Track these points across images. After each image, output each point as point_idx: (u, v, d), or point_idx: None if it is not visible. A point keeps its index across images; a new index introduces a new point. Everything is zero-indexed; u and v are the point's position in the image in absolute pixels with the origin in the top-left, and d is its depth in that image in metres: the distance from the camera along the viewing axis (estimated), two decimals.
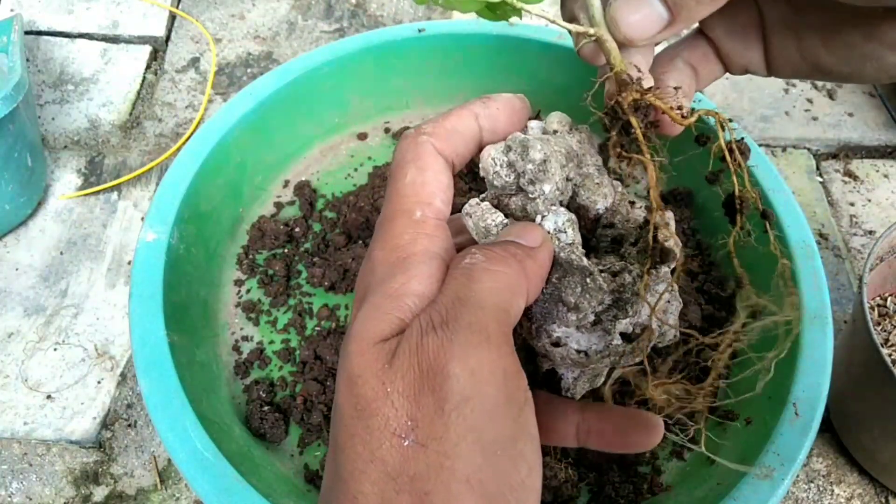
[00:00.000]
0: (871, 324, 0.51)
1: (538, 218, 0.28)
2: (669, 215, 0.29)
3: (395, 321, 0.24)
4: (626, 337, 0.28)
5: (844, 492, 0.59)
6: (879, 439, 0.55)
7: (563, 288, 0.27)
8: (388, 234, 0.26)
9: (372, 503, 0.21)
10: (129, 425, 0.60)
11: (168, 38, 0.89)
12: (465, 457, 0.21)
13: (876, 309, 0.63)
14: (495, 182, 0.29)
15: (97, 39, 0.87)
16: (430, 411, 0.21)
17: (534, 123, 0.30)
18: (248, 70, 0.86)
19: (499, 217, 0.28)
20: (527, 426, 0.23)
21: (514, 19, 0.30)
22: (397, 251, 0.26)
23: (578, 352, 0.28)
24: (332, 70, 0.65)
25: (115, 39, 0.87)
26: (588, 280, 0.27)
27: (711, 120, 0.28)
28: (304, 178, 0.68)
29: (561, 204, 0.29)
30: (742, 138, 0.29)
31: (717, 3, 0.26)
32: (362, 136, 0.71)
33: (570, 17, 0.30)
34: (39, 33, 0.87)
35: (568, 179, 0.29)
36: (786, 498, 0.58)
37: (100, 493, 0.58)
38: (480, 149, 0.30)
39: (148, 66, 0.86)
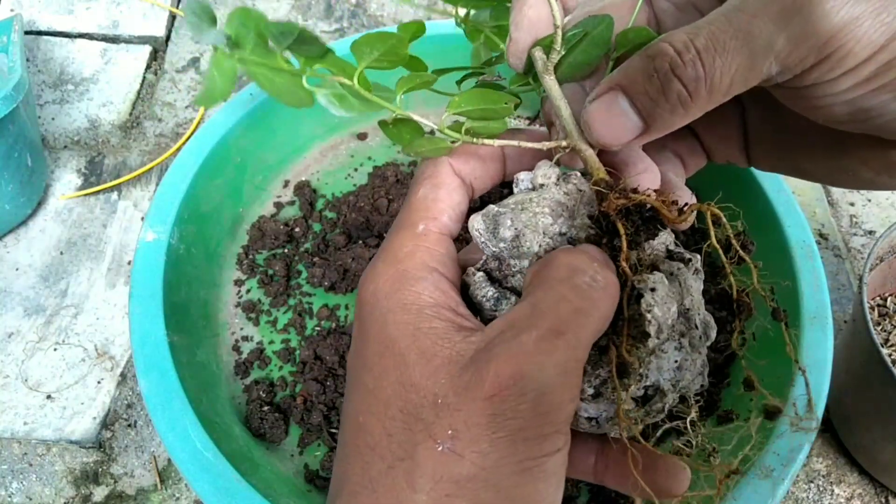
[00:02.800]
0: (871, 324, 0.51)
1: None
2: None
3: (440, 330, 0.25)
4: (639, 400, 0.27)
5: (844, 492, 0.59)
6: (879, 439, 0.55)
7: None
8: (390, 245, 0.27)
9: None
10: (129, 425, 0.60)
11: (168, 38, 0.89)
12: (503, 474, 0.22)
13: (876, 309, 0.63)
14: (485, 251, 0.28)
15: (97, 39, 0.87)
16: (479, 430, 0.22)
17: (523, 175, 0.30)
18: None
19: (490, 292, 0.27)
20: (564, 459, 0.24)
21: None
22: (396, 264, 0.26)
23: (589, 419, 0.27)
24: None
25: (115, 39, 0.87)
26: None
27: None
28: (304, 178, 0.68)
29: None
30: (742, 232, 0.26)
31: (690, 115, 0.26)
32: (362, 136, 0.71)
33: (547, 119, 0.30)
34: (39, 33, 0.87)
35: (561, 234, 0.28)
36: (786, 498, 0.58)
37: (100, 493, 0.58)
38: (504, 177, 0.30)
39: (148, 66, 0.86)
